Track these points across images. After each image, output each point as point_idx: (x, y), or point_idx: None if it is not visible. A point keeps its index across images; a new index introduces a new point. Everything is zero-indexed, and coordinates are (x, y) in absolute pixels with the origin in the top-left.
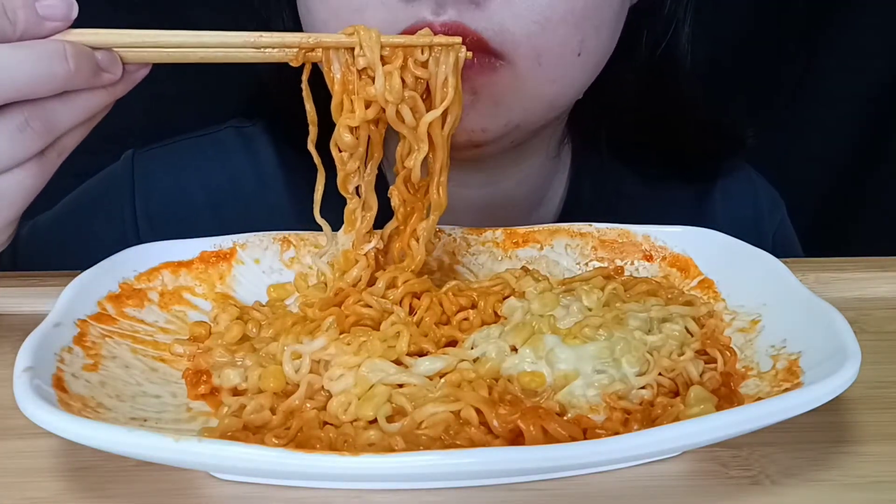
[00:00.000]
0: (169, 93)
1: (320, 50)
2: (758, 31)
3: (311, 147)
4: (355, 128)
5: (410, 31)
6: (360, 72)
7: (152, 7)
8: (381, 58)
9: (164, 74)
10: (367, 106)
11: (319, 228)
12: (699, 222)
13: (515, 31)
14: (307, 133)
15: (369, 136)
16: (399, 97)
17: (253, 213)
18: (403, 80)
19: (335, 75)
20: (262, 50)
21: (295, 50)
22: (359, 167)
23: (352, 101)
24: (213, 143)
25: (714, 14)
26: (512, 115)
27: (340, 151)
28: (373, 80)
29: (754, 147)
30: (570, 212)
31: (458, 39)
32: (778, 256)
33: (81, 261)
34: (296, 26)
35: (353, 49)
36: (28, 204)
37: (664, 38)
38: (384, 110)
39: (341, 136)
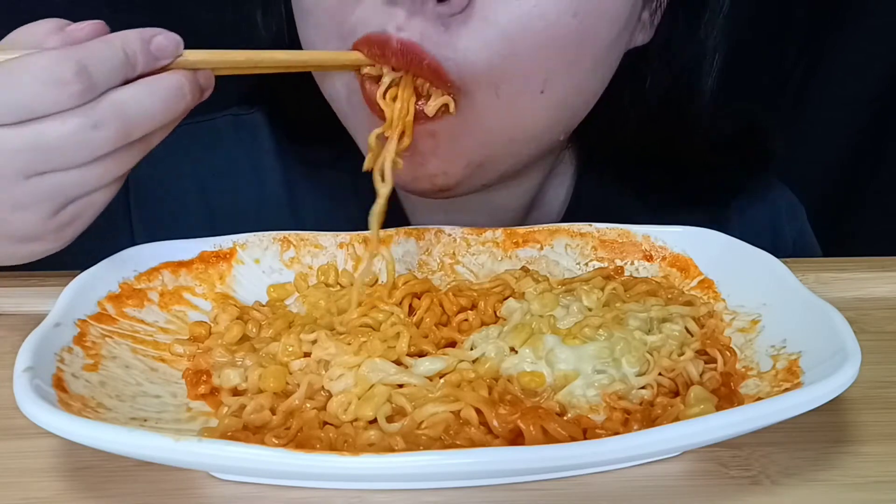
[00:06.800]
0: None
1: None
2: (760, 32)
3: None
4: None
5: (368, 39)
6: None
7: (152, 6)
8: None
9: None
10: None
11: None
12: None
13: (477, 62)
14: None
15: None
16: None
17: (245, 204)
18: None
19: None
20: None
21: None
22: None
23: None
24: (209, 131)
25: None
26: (472, 154)
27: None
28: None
29: None
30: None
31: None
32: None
33: (75, 252)
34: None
35: None
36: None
37: (677, 89)
38: None
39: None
